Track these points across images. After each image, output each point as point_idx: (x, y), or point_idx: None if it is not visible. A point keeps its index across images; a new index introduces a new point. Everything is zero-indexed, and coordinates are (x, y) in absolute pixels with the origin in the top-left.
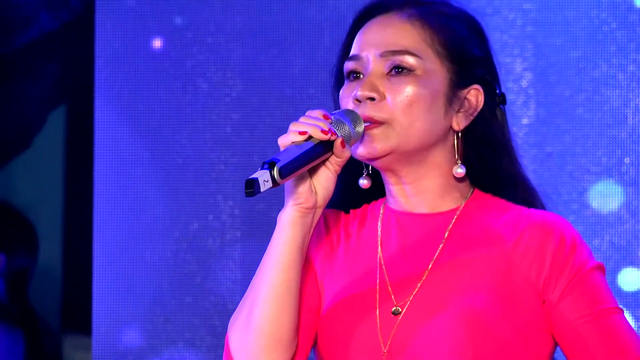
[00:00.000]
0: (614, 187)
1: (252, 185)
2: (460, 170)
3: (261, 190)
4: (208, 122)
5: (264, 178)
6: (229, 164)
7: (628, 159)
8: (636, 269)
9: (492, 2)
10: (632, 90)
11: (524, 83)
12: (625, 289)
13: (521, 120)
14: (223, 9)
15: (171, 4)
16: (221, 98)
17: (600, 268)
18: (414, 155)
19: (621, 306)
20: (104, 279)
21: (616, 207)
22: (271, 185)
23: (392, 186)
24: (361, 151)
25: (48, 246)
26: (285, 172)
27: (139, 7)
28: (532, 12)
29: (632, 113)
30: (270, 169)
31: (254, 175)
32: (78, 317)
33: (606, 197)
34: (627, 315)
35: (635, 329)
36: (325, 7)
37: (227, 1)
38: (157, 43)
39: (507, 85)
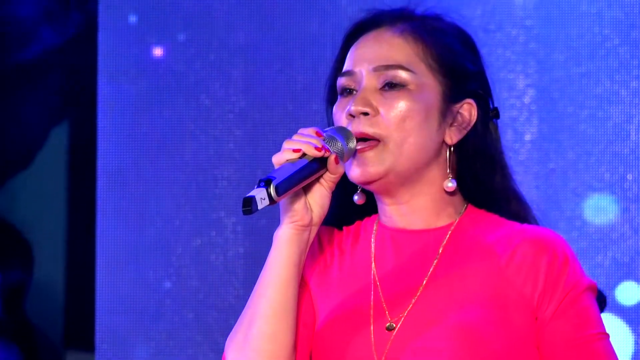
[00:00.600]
0: (616, 203)
1: (249, 204)
2: (450, 185)
3: (258, 208)
4: (211, 138)
5: (260, 196)
6: (232, 180)
7: (631, 175)
8: (635, 283)
9: (494, 19)
10: (635, 107)
11: (527, 99)
12: (624, 304)
13: (524, 136)
14: (225, 25)
15: (174, 20)
16: (224, 114)
17: (592, 288)
18: (408, 174)
19: (622, 317)
20: (107, 295)
21: (619, 223)
22: (268, 202)
23: (387, 206)
24: (356, 174)
25: (50, 262)
26: (281, 190)
27: (142, 23)
28: (534, 28)
29: (635, 129)
30: (267, 186)
31: (250, 194)
32: (81, 333)
33: (609, 213)
34: (626, 330)
35: (634, 343)
36: (327, 23)
37: (229, 17)
38: (158, 55)
39: (510, 102)
